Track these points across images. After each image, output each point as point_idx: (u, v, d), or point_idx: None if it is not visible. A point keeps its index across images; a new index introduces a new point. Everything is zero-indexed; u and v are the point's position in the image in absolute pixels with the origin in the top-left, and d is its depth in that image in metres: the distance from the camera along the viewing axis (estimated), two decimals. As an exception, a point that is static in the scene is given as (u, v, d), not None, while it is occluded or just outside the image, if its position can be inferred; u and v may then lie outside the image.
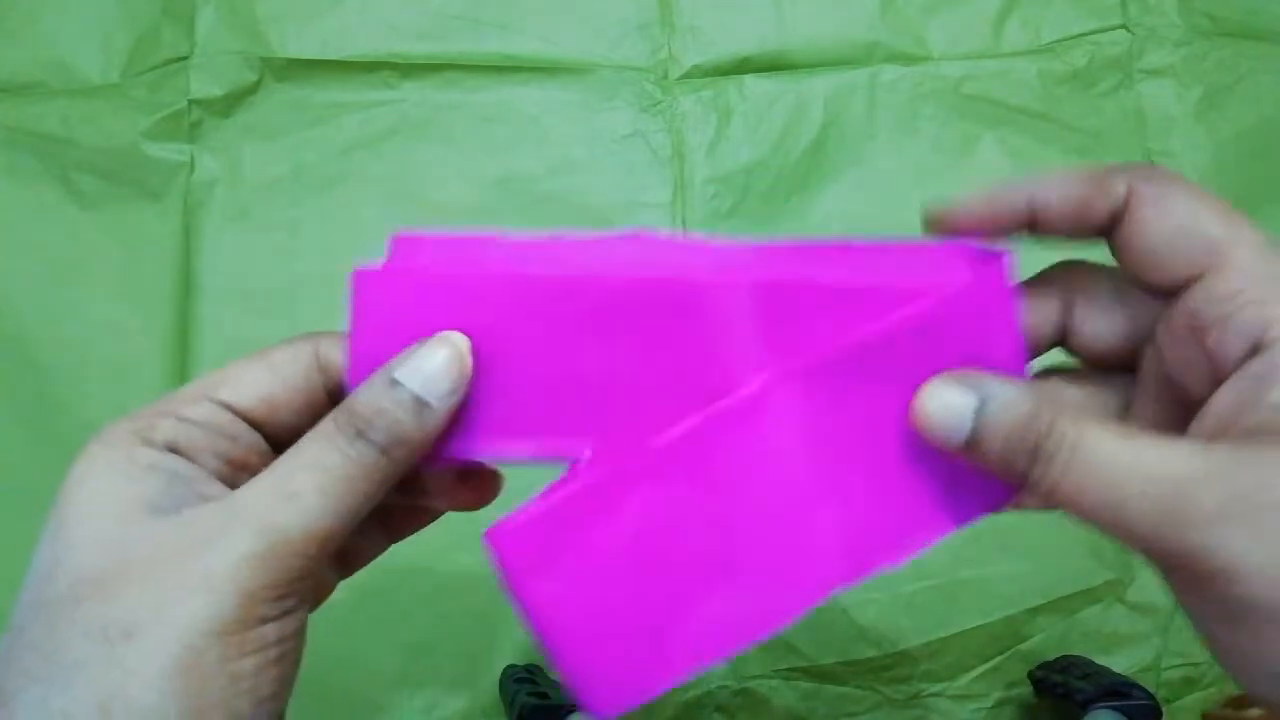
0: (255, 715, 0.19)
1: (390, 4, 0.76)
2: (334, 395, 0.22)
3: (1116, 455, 0.18)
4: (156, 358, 0.70)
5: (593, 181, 0.75)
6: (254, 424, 0.21)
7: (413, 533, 0.27)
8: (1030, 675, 0.70)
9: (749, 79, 0.76)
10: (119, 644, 0.17)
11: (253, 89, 0.75)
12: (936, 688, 0.71)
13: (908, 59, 0.78)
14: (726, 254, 0.23)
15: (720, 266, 0.22)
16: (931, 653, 0.71)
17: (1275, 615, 0.16)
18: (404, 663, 0.69)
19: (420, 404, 0.20)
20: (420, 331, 0.21)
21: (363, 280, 0.22)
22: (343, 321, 0.22)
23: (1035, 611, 0.71)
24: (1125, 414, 0.22)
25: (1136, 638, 0.71)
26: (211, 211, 0.73)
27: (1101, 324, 0.22)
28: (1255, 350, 0.18)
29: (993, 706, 0.72)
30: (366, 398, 0.20)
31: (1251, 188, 0.77)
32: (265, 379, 0.21)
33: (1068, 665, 0.68)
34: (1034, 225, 0.21)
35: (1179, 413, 0.20)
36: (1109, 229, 0.20)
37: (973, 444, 0.20)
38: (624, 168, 0.75)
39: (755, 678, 0.70)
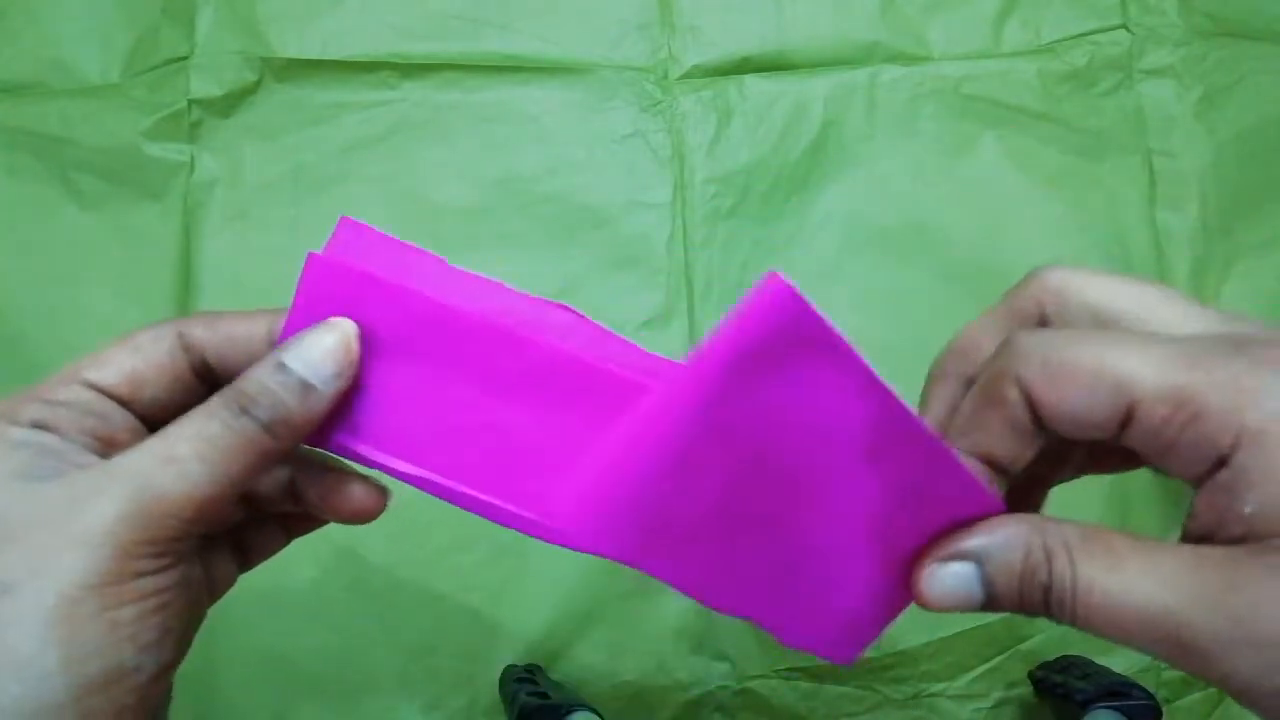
0: (139, 661, 0.19)
1: (390, 4, 0.76)
2: (199, 373, 0.23)
3: (1110, 596, 0.18)
4: (156, 358, 0.70)
5: (593, 181, 0.75)
6: (121, 402, 0.22)
7: (312, 530, 0.28)
8: (1030, 675, 0.70)
9: (749, 79, 0.76)
10: None
11: (253, 89, 0.75)
12: (936, 688, 0.71)
13: (908, 59, 0.78)
14: (656, 364, 0.23)
15: (651, 372, 0.23)
16: (931, 653, 0.71)
17: None
18: (404, 663, 0.69)
19: (306, 386, 0.21)
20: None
21: (315, 265, 0.23)
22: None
23: (1035, 611, 0.71)
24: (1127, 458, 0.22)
25: (1136, 638, 0.71)
26: (211, 211, 0.73)
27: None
28: (1219, 463, 0.17)
29: (993, 706, 0.72)
30: (255, 376, 0.21)
31: (1251, 188, 0.77)
32: (129, 359, 0.22)
33: (1068, 665, 0.68)
34: (1005, 472, 0.21)
35: None
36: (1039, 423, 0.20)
37: (990, 604, 0.20)
38: (624, 168, 0.75)
39: (755, 678, 0.70)
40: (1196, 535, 0.18)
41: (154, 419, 0.22)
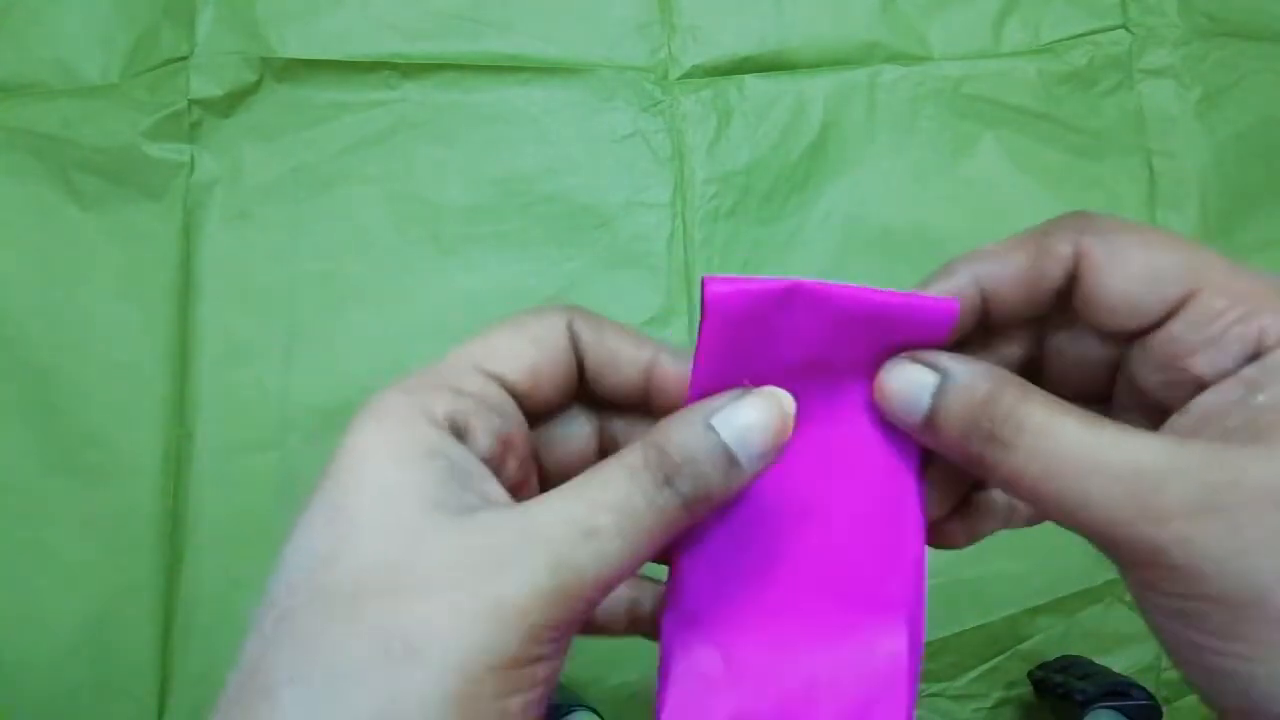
0: None
1: (390, 4, 0.76)
2: (581, 373, 0.22)
3: (1081, 444, 0.17)
4: (156, 358, 0.70)
5: (593, 181, 0.75)
6: (517, 398, 0.20)
7: None
8: (1030, 675, 0.70)
9: (749, 79, 0.76)
10: (400, 660, 0.16)
11: (253, 89, 0.75)
12: (936, 688, 0.71)
13: (908, 59, 0.78)
14: None
15: None
16: (931, 653, 0.71)
17: (1237, 613, 0.16)
18: (404, 663, 0.69)
19: (730, 459, 0.19)
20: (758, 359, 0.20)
21: (717, 298, 0.20)
22: (341, 320, 0.22)
23: (1035, 611, 0.71)
24: None
25: (1136, 638, 0.71)
26: (211, 211, 0.73)
27: (1072, 356, 0.21)
28: (1250, 359, 0.17)
29: (993, 706, 0.72)
30: (679, 440, 0.19)
31: (1251, 188, 0.77)
32: (529, 352, 0.20)
33: (1068, 665, 0.68)
34: (987, 313, 0.20)
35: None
36: (1063, 294, 0.20)
37: (930, 424, 0.19)
38: (624, 168, 0.75)
39: (755, 678, 0.70)
40: (1184, 430, 0.18)
41: (537, 417, 0.21)
